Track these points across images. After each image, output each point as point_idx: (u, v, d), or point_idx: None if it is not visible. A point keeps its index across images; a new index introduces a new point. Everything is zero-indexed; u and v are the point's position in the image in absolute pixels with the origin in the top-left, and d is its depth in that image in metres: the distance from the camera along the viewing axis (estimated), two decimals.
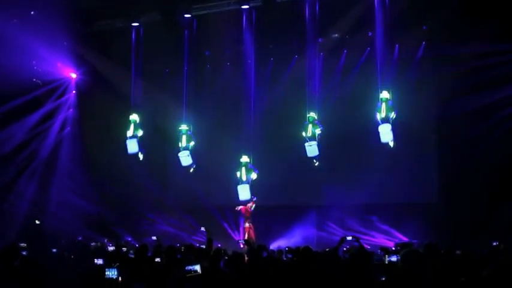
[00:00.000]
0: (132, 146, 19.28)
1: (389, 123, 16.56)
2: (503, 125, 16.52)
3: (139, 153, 19.42)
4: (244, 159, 18.29)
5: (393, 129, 16.50)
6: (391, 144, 16.77)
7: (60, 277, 8.22)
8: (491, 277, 7.28)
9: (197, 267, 7.73)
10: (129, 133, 19.39)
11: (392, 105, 16.74)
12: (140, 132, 19.45)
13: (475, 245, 13.15)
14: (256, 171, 18.22)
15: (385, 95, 16.72)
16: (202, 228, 16.10)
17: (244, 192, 17.84)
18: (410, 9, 16.98)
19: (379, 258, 11.23)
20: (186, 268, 7.71)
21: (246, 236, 17.86)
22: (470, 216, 16.30)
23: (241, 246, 16.98)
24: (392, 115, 16.64)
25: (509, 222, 15.37)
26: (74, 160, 21.72)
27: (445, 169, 17.64)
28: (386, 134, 16.52)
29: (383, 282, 7.84)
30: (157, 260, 10.39)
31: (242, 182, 17.99)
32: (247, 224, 18.11)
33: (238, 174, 18.13)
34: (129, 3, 19.15)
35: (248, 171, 18.19)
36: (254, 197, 18.11)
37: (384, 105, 16.68)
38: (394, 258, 9.71)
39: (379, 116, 16.71)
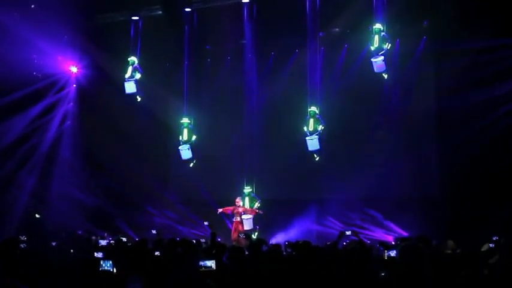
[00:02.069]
0: (130, 87, 19.44)
1: (382, 54, 16.63)
2: (504, 120, 16.49)
3: (137, 95, 19.61)
4: (247, 189, 18.50)
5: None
6: (385, 76, 16.91)
7: (59, 270, 8.23)
8: (493, 274, 7.29)
9: (212, 263, 7.73)
10: (127, 75, 19.53)
11: (385, 37, 16.81)
12: (138, 75, 19.56)
13: (475, 240, 13.15)
14: (259, 200, 18.42)
15: (378, 26, 16.77)
16: (206, 223, 16.17)
17: (248, 224, 18.07)
18: (411, 4, 16.99)
19: (378, 254, 11.20)
20: (200, 263, 7.71)
21: (235, 231, 18.00)
22: (470, 211, 16.28)
23: (242, 239, 17.06)
24: (387, 45, 16.72)
25: (510, 218, 15.38)
26: (74, 153, 21.71)
27: (445, 164, 17.60)
28: (379, 65, 16.61)
29: (382, 277, 7.84)
30: (157, 253, 10.40)
31: (246, 212, 18.24)
32: (238, 218, 18.16)
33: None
34: None
35: (251, 201, 18.31)
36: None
37: (376, 36, 16.75)
38: (393, 253, 9.67)
39: (372, 48, 16.81)
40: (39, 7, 18.96)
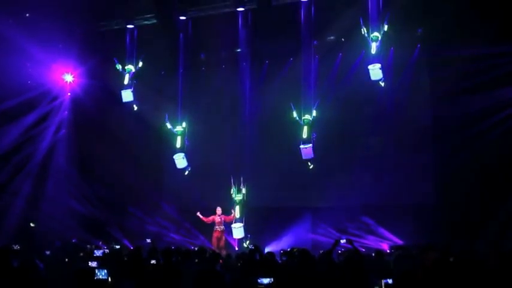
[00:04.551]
0: (127, 96, 19.41)
1: (379, 62, 16.68)
2: (498, 127, 16.53)
3: (134, 104, 19.64)
4: (238, 197, 18.36)
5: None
6: (382, 84, 16.95)
7: (52, 279, 8.20)
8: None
9: (271, 281, 7.73)
10: (125, 82, 19.50)
11: (384, 41, 16.90)
12: (133, 68, 19.59)
13: (471, 246, 13.16)
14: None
15: (375, 34, 16.82)
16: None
17: (239, 233, 17.99)
18: (405, 12, 17.02)
19: (373, 264, 11.16)
20: (259, 281, 7.71)
21: (218, 240, 17.90)
22: (465, 217, 16.30)
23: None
24: (383, 53, 16.90)
25: (505, 224, 15.42)
26: (69, 162, 21.66)
27: (440, 171, 17.63)
28: (376, 72, 16.65)
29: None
30: (153, 262, 10.37)
31: (236, 221, 18.13)
32: (219, 228, 18.08)
33: (233, 211, 18.23)
34: (126, 5, 19.19)
35: (242, 210, 18.26)
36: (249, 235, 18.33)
37: (374, 44, 16.80)
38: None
39: (372, 51, 16.86)
40: (34, 16, 18.94)
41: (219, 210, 18.30)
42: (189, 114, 19.74)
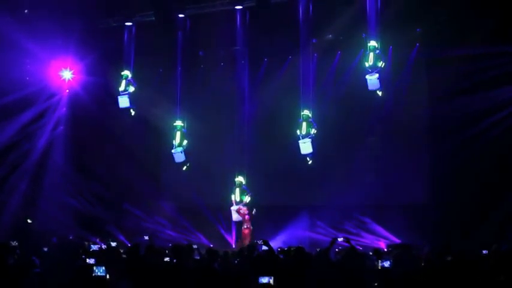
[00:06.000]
0: (124, 102, 19.48)
1: (377, 72, 16.70)
2: (496, 127, 16.55)
3: (131, 109, 19.64)
4: (239, 179, 18.35)
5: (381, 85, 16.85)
6: (379, 93, 17.00)
7: (50, 276, 8.20)
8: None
9: (271, 280, 7.76)
10: (121, 88, 19.56)
11: (380, 54, 16.87)
12: (132, 89, 19.64)
13: (466, 246, 13.18)
14: (250, 193, 18.38)
15: (373, 43, 16.84)
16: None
17: (237, 215, 18.05)
18: (404, 12, 17.03)
19: (371, 264, 11.14)
20: (259, 281, 7.73)
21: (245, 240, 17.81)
22: (463, 217, 16.33)
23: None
24: (381, 64, 16.81)
25: (502, 224, 15.45)
26: (66, 159, 21.62)
27: (437, 170, 17.63)
28: (373, 82, 16.69)
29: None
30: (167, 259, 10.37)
31: (237, 203, 18.20)
32: (245, 226, 18.01)
33: (232, 196, 18.24)
34: (124, 2, 19.18)
35: (242, 193, 18.24)
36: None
37: (371, 54, 16.81)
38: (387, 264, 9.52)
39: (367, 65, 16.87)
40: (33, 12, 18.93)
41: (243, 209, 18.13)
42: (188, 111, 19.75)
